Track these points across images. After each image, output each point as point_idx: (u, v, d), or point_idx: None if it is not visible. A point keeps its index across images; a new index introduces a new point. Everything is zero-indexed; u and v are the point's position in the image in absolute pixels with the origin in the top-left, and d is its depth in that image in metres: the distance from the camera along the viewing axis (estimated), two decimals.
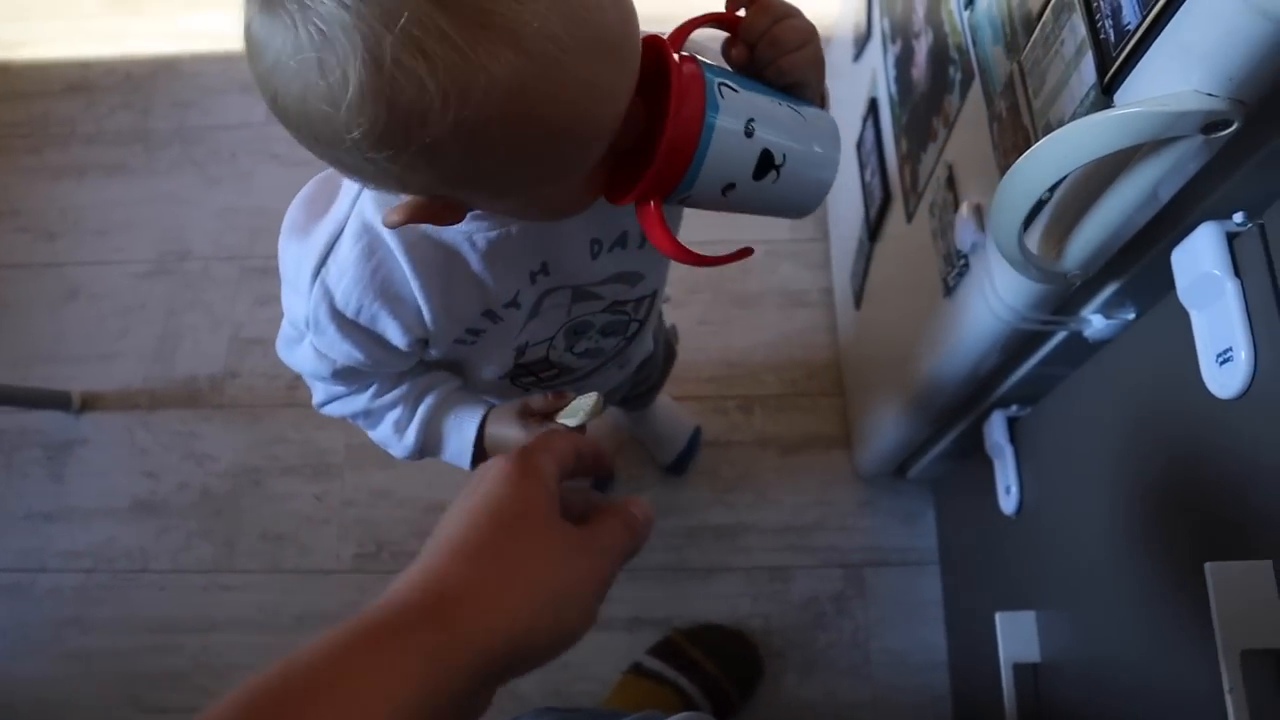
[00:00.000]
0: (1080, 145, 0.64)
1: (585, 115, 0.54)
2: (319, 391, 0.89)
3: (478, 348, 0.86)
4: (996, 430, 1.11)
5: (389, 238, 0.73)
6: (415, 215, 0.62)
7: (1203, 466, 0.71)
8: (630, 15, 0.55)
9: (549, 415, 0.81)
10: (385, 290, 0.75)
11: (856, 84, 1.51)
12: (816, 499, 1.63)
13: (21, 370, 1.87)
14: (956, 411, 1.27)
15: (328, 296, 0.75)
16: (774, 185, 0.63)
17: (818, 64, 0.68)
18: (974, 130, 0.93)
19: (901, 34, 1.22)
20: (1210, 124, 0.61)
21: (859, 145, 1.47)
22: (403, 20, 0.46)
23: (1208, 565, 0.62)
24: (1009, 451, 1.10)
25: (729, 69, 0.66)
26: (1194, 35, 0.58)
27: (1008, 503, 1.09)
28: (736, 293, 1.78)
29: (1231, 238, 0.68)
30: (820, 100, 0.72)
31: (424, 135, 0.50)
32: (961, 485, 1.38)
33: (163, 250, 1.94)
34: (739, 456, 1.66)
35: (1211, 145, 0.63)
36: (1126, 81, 0.65)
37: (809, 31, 0.67)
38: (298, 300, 0.78)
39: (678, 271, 1.78)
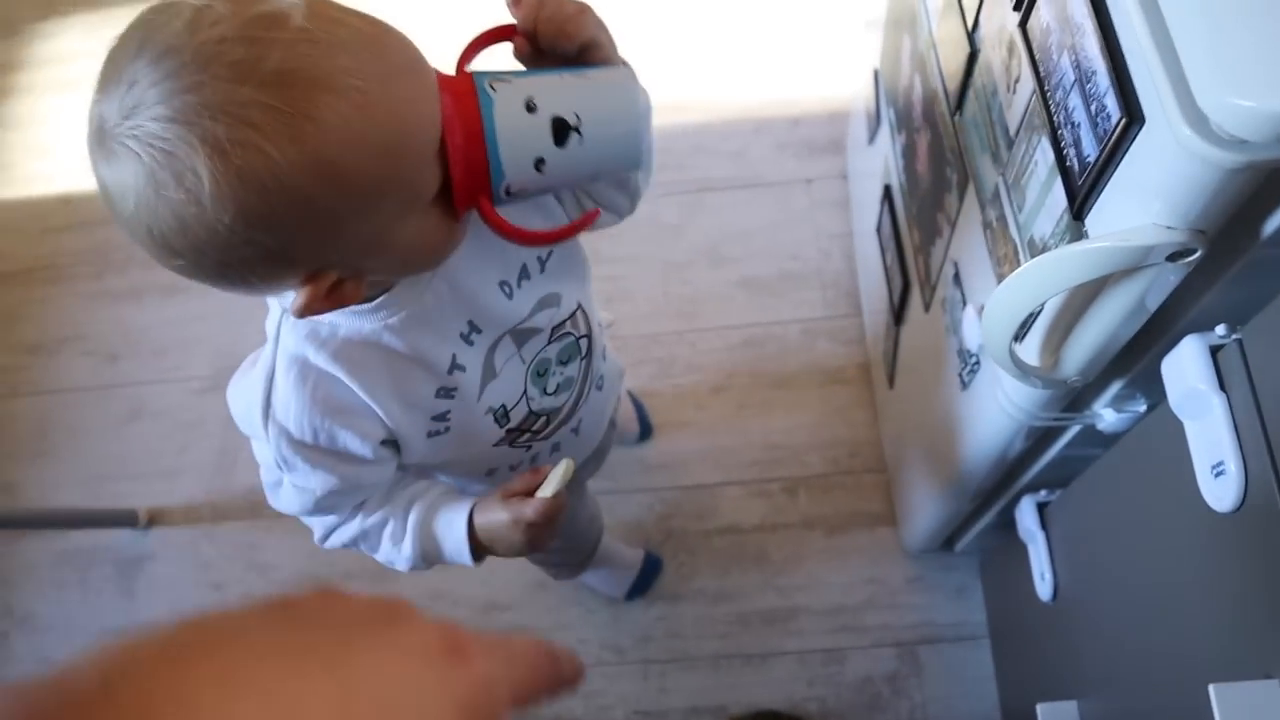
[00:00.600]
0: (1054, 276, 0.66)
1: (408, 127, 0.61)
2: (316, 527, 0.92)
3: (454, 433, 0.88)
4: (1026, 516, 1.11)
5: (315, 358, 0.76)
6: (314, 299, 0.65)
7: (1208, 575, 0.72)
8: (407, 40, 0.63)
9: (530, 492, 0.85)
10: (330, 406, 0.78)
11: (873, 166, 1.54)
12: (866, 578, 1.63)
13: (92, 490, 1.95)
14: (993, 491, 1.27)
15: (283, 432, 0.79)
16: (583, 146, 0.66)
17: (601, 25, 0.71)
18: (972, 232, 0.95)
19: (905, 127, 1.25)
20: (1175, 253, 0.62)
21: (878, 229, 1.49)
22: (223, 106, 0.54)
23: (1212, 687, 0.62)
24: (1040, 537, 1.10)
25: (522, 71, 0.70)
26: (1145, 174, 0.60)
27: (1043, 588, 1.09)
28: (774, 374, 1.80)
29: (1215, 350, 0.69)
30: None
31: (283, 194, 0.56)
32: (1004, 564, 1.37)
33: (218, 366, 2.01)
34: (786, 539, 1.67)
35: (1183, 267, 0.64)
36: (1094, 210, 0.67)
37: (582, 3, 0.71)
38: (263, 446, 0.82)
39: (715, 358, 1.82)
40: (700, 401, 1.78)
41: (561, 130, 0.65)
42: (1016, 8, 0.78)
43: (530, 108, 0.64)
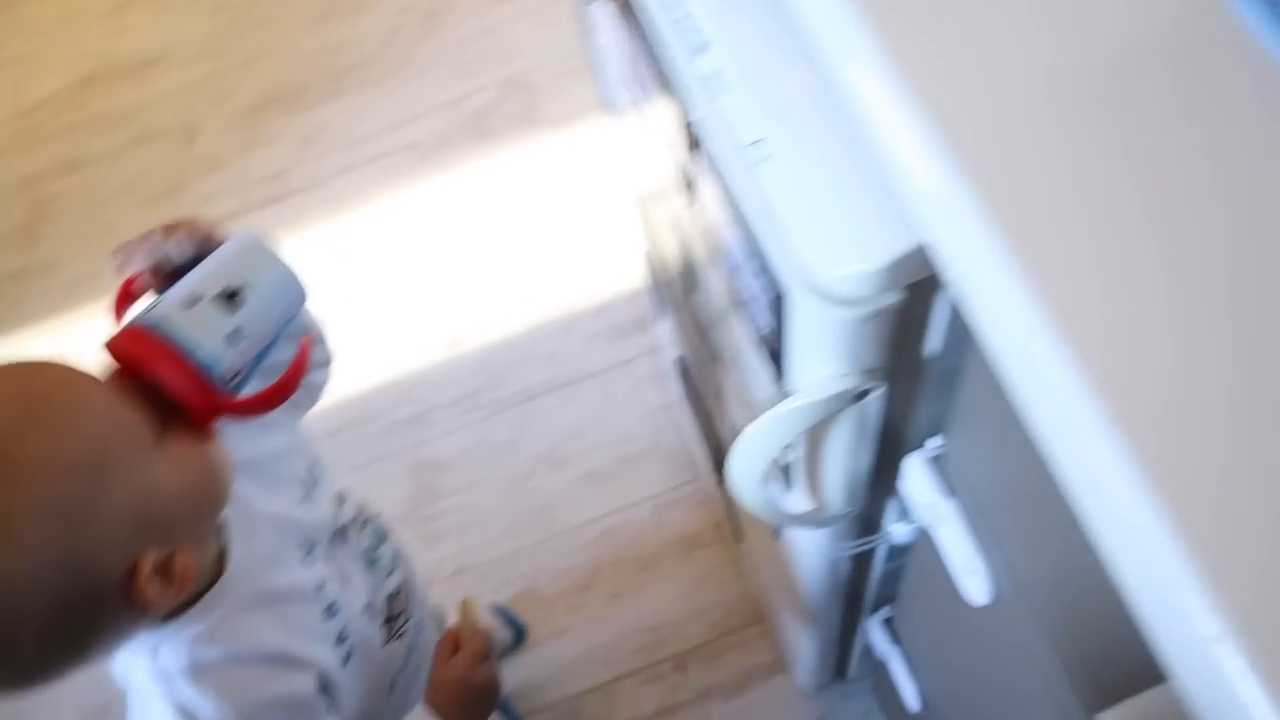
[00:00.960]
0: (768, 438, 0.72)
1: (74, 395, 0.66)
2: None
3: (358, 652, 0.90)
4: (876, 637, 1.15)
5: (209, 652, 0.76)
6: (147, 585, 0.66)
7: (1000, 664, 0.77)
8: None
9: (457, 648, 0.91)
10: (256, 679, 0.78)
11: (668, 339, 1.62)
12: None
13: None
14: (849, 614, 1.31)
15: None
16: (257, 298, 0.73)
17: (193, 216, 0.78)
18: (735, 399, 1.02)
19: (674, 306, 1.33)
20: (861, 393, 0.69)
21: (686, 397, 1.56)
22: None
23: None
24: (895, 652, 1.14)
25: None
26: (809, 334, 0.67)
27: (911, 700, 1.13)
28: (636, 558, 1.82)
29: (937, 460, 0.75)
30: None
31: (22, 510, 0.60)
32: (886, 682, 1.41)
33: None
34: (689, 717, 1.67)
35: (875, 401, 0.71)
36: (789, 370, 0.74)
37: (175, 221, 0.78)
38: None
39: (577, 558, 1.84)
40: (572, 605, 1.80)
41: (230, 298, 0.71)
42: (692, 203, 0.86)
43: (194, 300, 0.70)
